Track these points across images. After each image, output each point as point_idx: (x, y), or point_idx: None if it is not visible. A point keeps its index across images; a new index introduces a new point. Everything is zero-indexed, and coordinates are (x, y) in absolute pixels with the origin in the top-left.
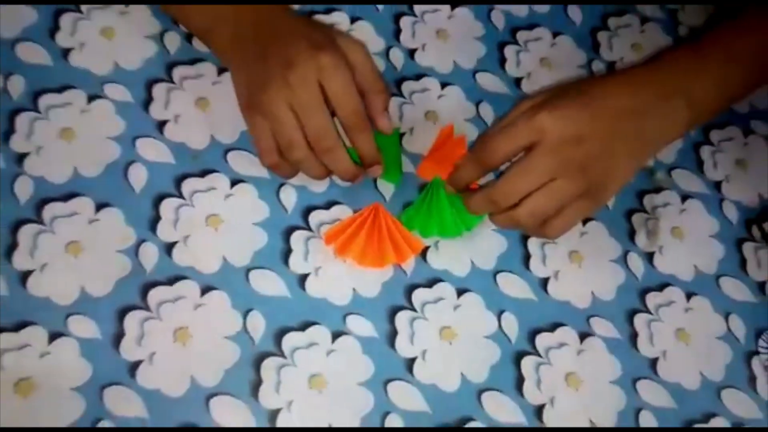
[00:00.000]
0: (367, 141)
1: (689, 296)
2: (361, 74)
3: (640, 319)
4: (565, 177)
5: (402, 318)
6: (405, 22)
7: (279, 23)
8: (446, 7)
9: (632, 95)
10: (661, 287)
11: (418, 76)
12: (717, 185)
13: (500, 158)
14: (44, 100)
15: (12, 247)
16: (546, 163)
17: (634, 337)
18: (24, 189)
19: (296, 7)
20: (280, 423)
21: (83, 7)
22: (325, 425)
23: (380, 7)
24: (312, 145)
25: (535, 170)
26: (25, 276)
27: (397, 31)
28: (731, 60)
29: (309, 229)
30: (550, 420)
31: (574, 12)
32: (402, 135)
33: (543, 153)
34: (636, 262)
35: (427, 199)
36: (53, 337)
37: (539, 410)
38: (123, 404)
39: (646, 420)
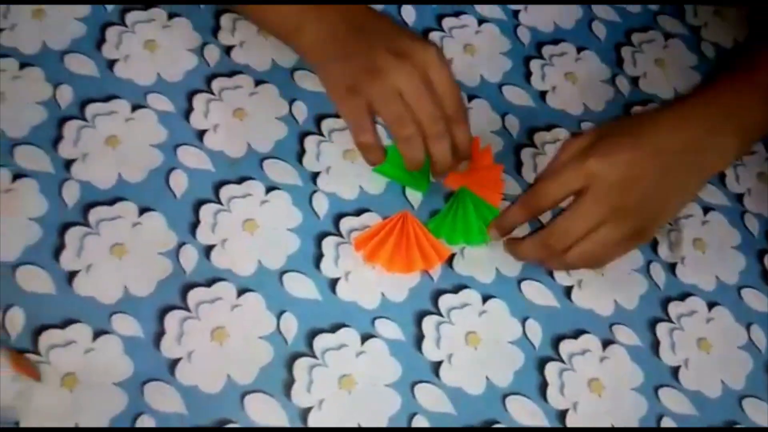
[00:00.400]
0: (466, 135)
1: (711, 306)
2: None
3: (662, 328)
4: (615, 221)
5: (429, 322)
6: (433, 37)
7: (370, 19)
8: (474, 22)
9: (683, 131)
10: (683, 297)
11: None
12: (739, 198)
13: (550, 203)
14: (91, 109)
15: (60, 248)
16: (597, 209)
17: (656, 345)
18: (71, 193)
19: None
20: (311, 421)
21: (128, 21)
22: (354, 425)
23: (410, 21)
24: (425, 128)
25: (586, 216)
26: (71, 276)
27: None
28: None
29: (340, 235)
30: (573, 425)
31: (599, 27)
32: None
33: (594, 200)
34: (658, 272)
35: (453, 207)
36: (97, 334)
37: (562, 415)
38: (162, 400)
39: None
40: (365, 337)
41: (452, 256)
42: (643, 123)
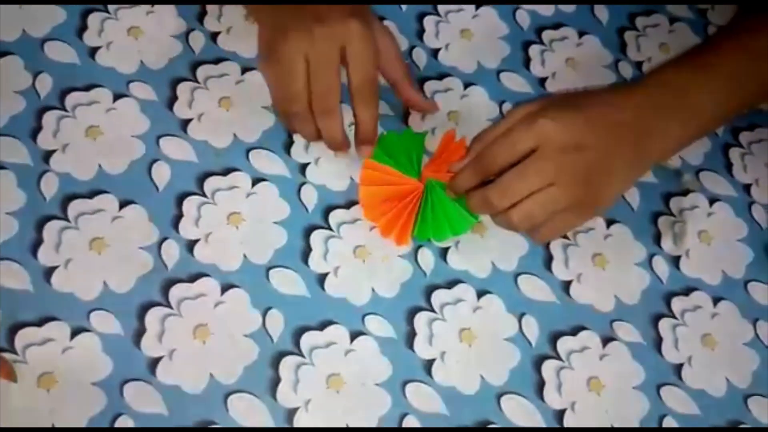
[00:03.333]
0: (371, 116)
1: (716, 301)
2: (390, 62)
3: (665, 324)
4: (561, 184)
5: (421, 319)
6: (429, 21)
7: None
8: (470, 7)
9: (628, 110)
10: (687, 291)
11: (441, 76)
12: (746, 188)
13: (500, 164)
14: (71, 99)
15: (37, 243)
16: (544, 167)
17: (658, 342)
18: (50, 186)
19: None
20: (298, 422)
21: (110, 7)
22: (342, 425)
23: (404, 6)
24: (312, 103)
25: (532, 174)
26: (49, 272)
27: (421, 31)
28: (734, 76)
29: (329, 228)
30: (571, 425)
31: (601, 11)
32: (424, 134)
33: (542, 158)
34: (661, 266)
35: (429, 204)
36: (75, 332)
37: (560, 415)
38: (143, 400)
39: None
40: (354, 335)
41: (446, 249)
42: (595, 97)
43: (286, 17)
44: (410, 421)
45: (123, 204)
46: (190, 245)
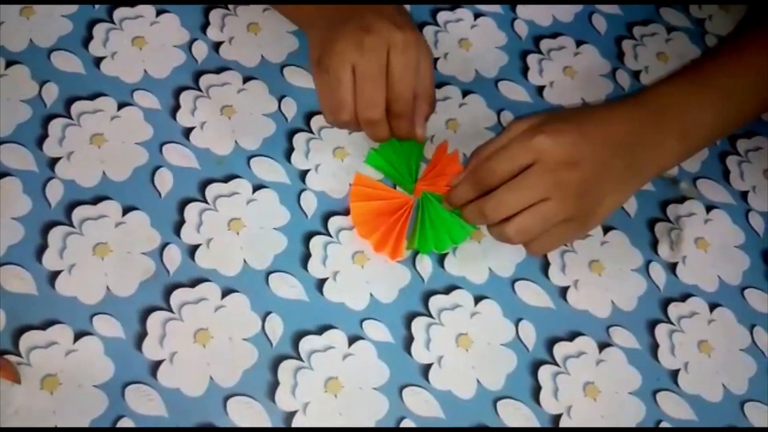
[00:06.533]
0: (404, 127)
1: (713, 307)
2: (423, 76)
3: (661, 330)
4: (556, 198)
5: (418, 324)
6: (428, 31)
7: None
8: (469, 17)
9: (625, 126)
10: (683, 298)
11: (440, 85)
12: (743, 195)
13: (498, 179)
14: (76, 107)
15: (42, 247)
16: (540, 182)
17: (654, 347)
18: (55, 192)
19: None
20: (296, 425)
21: (115, 17)
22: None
23: None
24: (358, 113)
25: (528, 188)
26: (54, 276)
27: None
28: (728, 96)
29: (328, 234)
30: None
31: (599, 21)
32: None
33: (538, 172)
34: (658, 272)
35: (426, 216)
36: (79, 335)
37: (556, 420)
38: (143, 402)
39: None
40: (353, 339)
41: (444, 255)
42: (589, 113)
43: (336, 26)
44: (407, 425)
45: (126, 210)
46: (192, 250)
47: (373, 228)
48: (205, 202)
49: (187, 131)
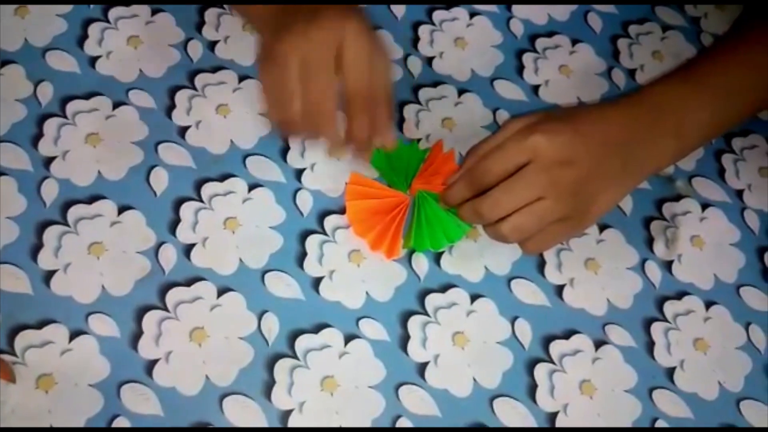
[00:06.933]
0: (362, 125)
1: (708, 305)
2: (376, 75)
3: (657, 328)
4: (552, 198)
5: (414, 322)
6: (423, 30)
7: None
8: (465, 16)
9: (621, 126)
10: (679, 296)
11: (435, 84)
12: (739, 194)
13: (493, 178)
14: (72, 107)
15: (37, 247)
16: (535, 181)
17: (650, 345)
18: (50, 191)
19: None
20: (292, 424)
21: (110, 17)
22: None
23: (399, 15)
24: (309, 105)
25: (523, 188)
26: (49, 275)
27: (416, 39)
28: (724, 94)
29: (324, 233)
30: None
31: (594, 20)
32: (418, 141)
33: (533, 172)
34: (654, 271)
35: (422, 214)
36: (74, 334)
37: (552, 417)
38: (139, 401)
39: None
40: (349, 338)
41: (440, 254)
42: (585, 112)
43: (282, 20)
44: (403, 424)
45: (121, 209)
46: (187, 249)
47: (369, 227)
48: (201, 201)
49: (183, 130)
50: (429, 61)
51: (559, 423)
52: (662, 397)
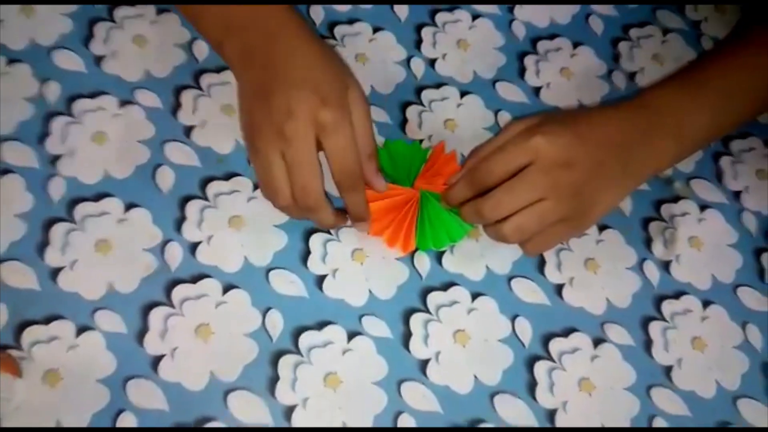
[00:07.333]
0: (359, 201)
1: (706, 305)
2: (358, 134)
3: (655, 327)
4: (552, 199)
5: (416, 320)
6: (426, 32)
7: (290, 49)
8: (467, 18)
9: (621, 128)
10: (677, 295)
11: (438, 85)
12: (736, 195)
13: (495, 179)
14: (78, 105)
15: (44, 244)
16: (536, 183)
17: (648, 344)
18: (57, 189)
19: (320, 15)
20: (295, 419)
21: (116, 16)
22: (339, 423)
23: (402, 17)
24: (296, 195)
25: (524, 189)
26: (55, 272)
27: (419, 41)
28: (724, 97)
29: (328, 231)
30: (562, 425)
31: (595, 22)
32: (421, 141)
33: (534, 173)
34: (652, 270)
35: (424, 214)
36: (81, 330)
37: (552, 414)
38: (145, 396)
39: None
40: (352, 335)
41: (441, 253)
42: (586, 114)
43: (258, 103)
44: (405, 419)
45: (128, 207)
46: (193, 247)
47: (385, 225)
48: (206, 199)
49: (188, 130)
50: (432, 62)
51: (559, 420)
52: (660, 394)
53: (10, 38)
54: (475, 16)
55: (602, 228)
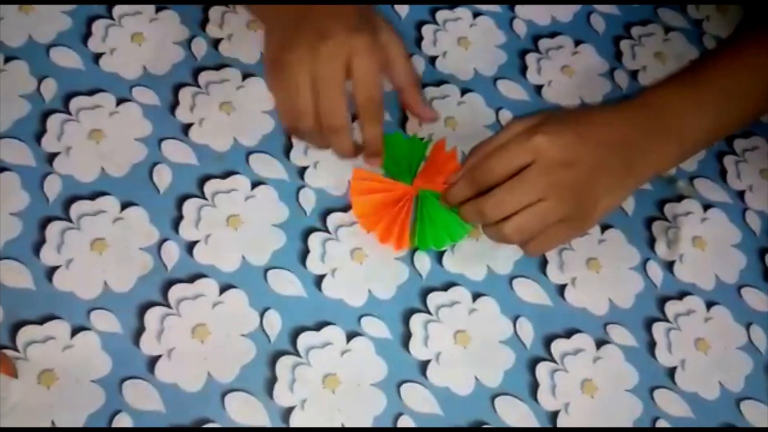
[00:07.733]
0: (376, 132)
1: (709, 305)
2: (397, 69)
3: (658, 328)
4: (553, 198)
5: (416, 321)
6: (427, 30)
7: None
8: (468, 16)
9: (623, 128)
10: (680, 296)
11: (438, 83)
12: (740, 195)
13: (496, 178)
14: (75, 103)
15: (40, 242)
16: (537, 182)
17: (651, 345)
18: (53, 187)
19: None
20: (293, 421)
21: (115, 14)
22: (338, 425)
23: (403, 15)
24: (320, 120)
25: (525, 189)
26: (51, 271)
27: (419, 39)
28: (727, 97)
29: (327, 231)
30: (564, 426)
31: (597, 21)
32: (421, 139)
33: (536, 172)
34: (655, 271)
35: (424, 213)
36: (76, 330)
37: (553, 416)
38: (141, 397)
39: None
40: (351, 336)
41: (442, 253)
42: (588, 114)
43: (291, 30)
44: (405, 421)
45: (124, 206)
46: (190, 246)
47: (377, 220)
48: (204, 198)
49: (186, 127)
50: (432, 60)
51: (561, 422)
52: (663, 396)
53: (8, 35)
54: (476, 14)
55: (605, 228)
